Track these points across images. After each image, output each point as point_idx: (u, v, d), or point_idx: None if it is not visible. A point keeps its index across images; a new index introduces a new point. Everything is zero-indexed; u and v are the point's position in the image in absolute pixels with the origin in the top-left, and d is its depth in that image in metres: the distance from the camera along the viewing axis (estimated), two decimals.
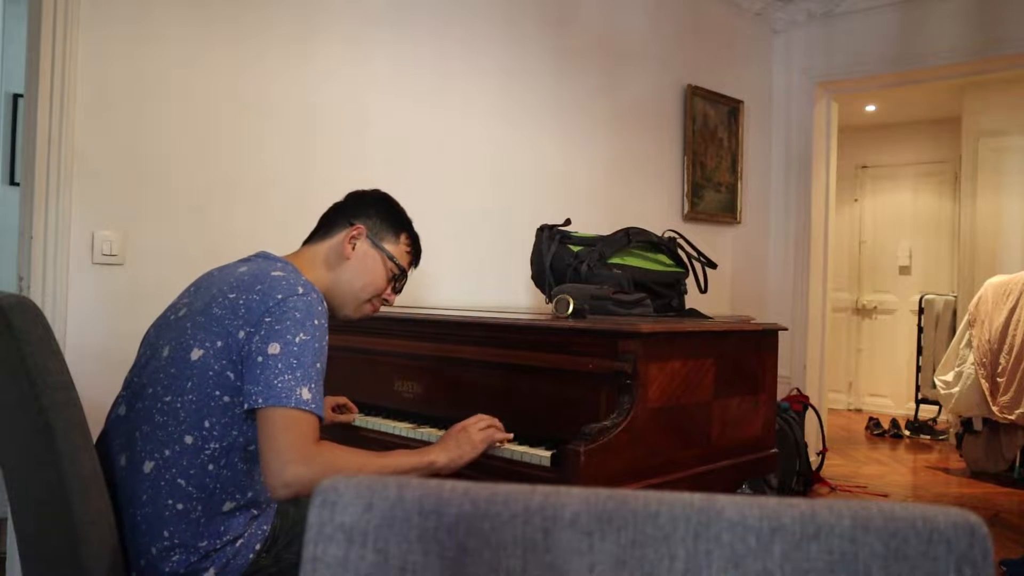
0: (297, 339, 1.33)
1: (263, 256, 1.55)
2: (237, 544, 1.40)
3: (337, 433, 2.06)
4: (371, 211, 1.66)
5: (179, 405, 1.36)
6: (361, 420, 2.06)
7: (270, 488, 1.30)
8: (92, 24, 2.21)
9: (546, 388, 1.85)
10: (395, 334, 2.21)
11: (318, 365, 1.35)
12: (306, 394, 1.30)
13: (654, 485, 1.73)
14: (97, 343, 2.23)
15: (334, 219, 1.66)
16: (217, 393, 1.35)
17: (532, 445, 1.74)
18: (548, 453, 1.68)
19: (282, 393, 1.29)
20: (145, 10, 2.32)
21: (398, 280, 1.67)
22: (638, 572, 0.56)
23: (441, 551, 0.56)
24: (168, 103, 2.37)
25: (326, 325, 1.40)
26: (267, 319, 1.34)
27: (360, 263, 1.61)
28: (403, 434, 1.98)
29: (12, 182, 3.69)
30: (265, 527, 1.45)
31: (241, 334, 1.35)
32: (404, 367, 2.15)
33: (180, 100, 2.40)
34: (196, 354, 1.37)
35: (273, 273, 1.43)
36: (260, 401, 1.29)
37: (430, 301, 3.04)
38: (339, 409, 2.06)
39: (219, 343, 1.36)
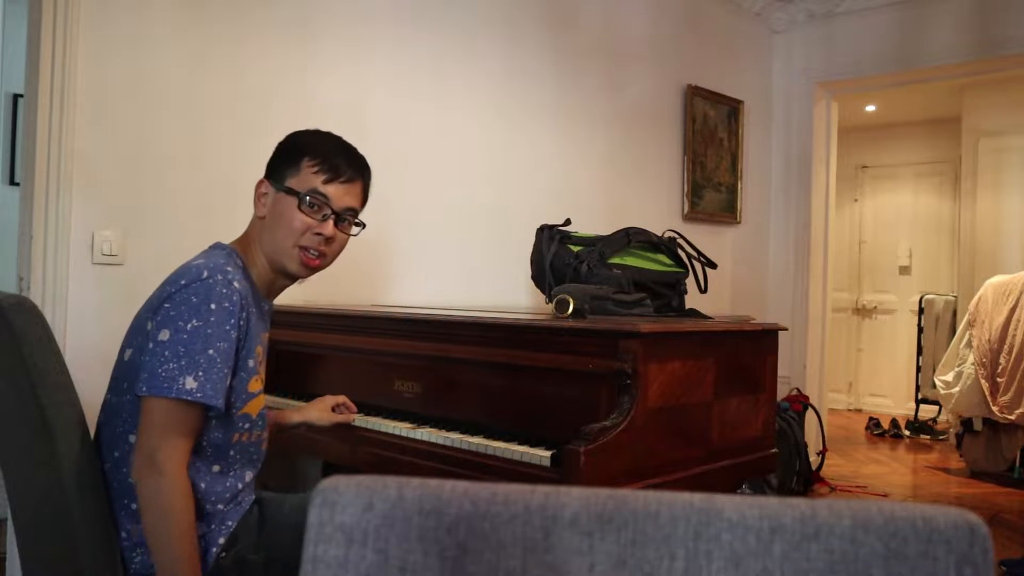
0: (188, 326, 1.28)
1: (215, 246, 1.51)
2: (200, 544, 1.36)
3: (337, 433, 2.06)
4: (272, 162, 1.53)
5: (120, 406, 1.37)
6: (361, 420, 2.06)
7: (136, 466, 1.28)
8: (92, 24, 2.21)
9: (546, 388, 1.85)
10: (395, 334, 2.21)
11: (210, 352, 1.28)
12: (190, 383, 1.26)
13: (654, 485, 1.73)
14: (97, 343, 2.22)
15: None
16: None
17: (532, 445, 1.74)
18: (548, 453, 1.68)
19: (164, 382, 1.26)
20: (145, 10, 2.32)
21: (315, 207, 1.45)
22: (638, 572, 0.55)
23: (441, 551, 0.56)
24: (168, 103, 2.37)
25: (230, 308, 1.32)
26: (166, 305, 1.31)
27: (273, 215, 1.47)
28: (402, 434, 1.98)
29: (12, 182, 3.69)
30: (230, 523, 1.41)
31: (149, 325, 1.33)
32: (403, 367, 2.15)
33: (180, 100, 2.40)
34: (127, 354, 1.38)
35: (195, 261, 1.39)
36: (144, 389, 1.27)
37: (429, 301, 3.04)
38: (339, 408, 2.03)
39: (139, 339, 1.35)
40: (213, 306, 1.30)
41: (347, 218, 1.51)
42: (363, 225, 1.56)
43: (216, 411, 1.33)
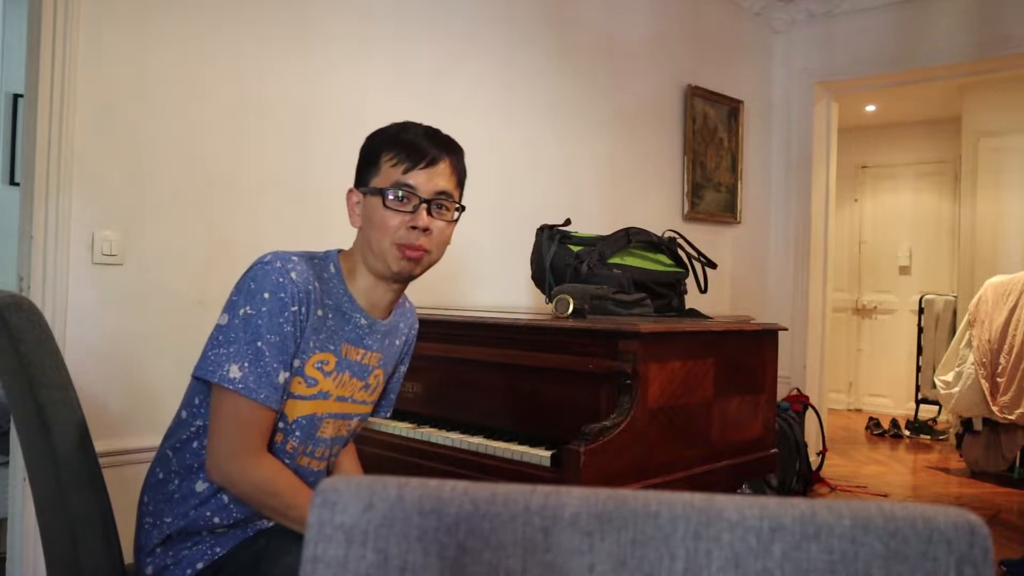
0: (242, 312, 1.26)
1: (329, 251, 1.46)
2: (180, 555, 1.34)
3: None
4: (357, 169, 1.45)
5: (189, 380, 1.38)
6: None
7: (207, 466, 1.28)
8: (92, 24, 2.21)
9: (546, 388, 1.85)
10: None
11: (259, 344, 1.24)
12: (235, 371, 1.23)
13: (654, 485, 1.73)
14: (97, 343, 2.22)
15: None
16: None
17: (532, 445, 1.74)
18: (548, 453, 1.68)
19: (209, 365, 1.24)
20: (145, 10, 2.32)
21: (403, 199, 1.35)
22: (638, 572, 0.55)
23: (441, 551, 0.56)
24: (168, 103, 2.37)
25: (284, 299, 1.27)
26: (233, 290, 1.30)
27: (366, 221, 1.39)
28: (403, 434, 1.98)
29: (12, 182, 3.70)
30: (218, 549, 1.34)
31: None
32: None
33: (180, 100, 2.40)
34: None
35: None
36: (194, 369, 1.27)
37: (430, 301, 3.03)
38: None
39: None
40: (267, 295, 1.26)
41: (443, 203, 1.40)
42: (463, 208, 1.45)
43: (268, 409, 1.27)
